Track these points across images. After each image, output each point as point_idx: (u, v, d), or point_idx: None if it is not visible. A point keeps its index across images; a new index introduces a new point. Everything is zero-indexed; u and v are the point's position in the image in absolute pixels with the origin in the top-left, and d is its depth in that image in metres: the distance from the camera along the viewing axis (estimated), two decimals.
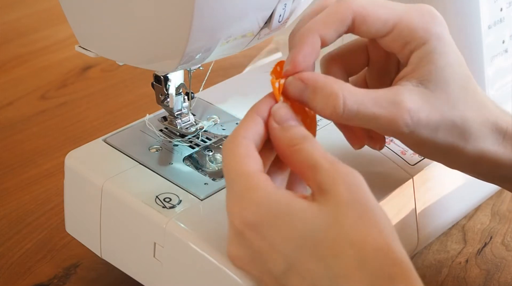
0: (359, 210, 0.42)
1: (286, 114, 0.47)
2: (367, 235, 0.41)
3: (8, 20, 1.05)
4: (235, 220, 0.44)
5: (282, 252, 0.42)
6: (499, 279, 0.62)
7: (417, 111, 0.48)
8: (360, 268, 0.40)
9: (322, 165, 0.44)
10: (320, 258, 0.41)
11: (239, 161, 0.45)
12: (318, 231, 0.42)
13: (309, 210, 0.42)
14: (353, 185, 0.43)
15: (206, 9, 0.46)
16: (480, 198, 0.69)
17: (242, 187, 0.44)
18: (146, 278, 0.56)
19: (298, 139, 0.46)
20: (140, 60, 0.54)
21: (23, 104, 0.86)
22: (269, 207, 0.43)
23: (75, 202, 0.61)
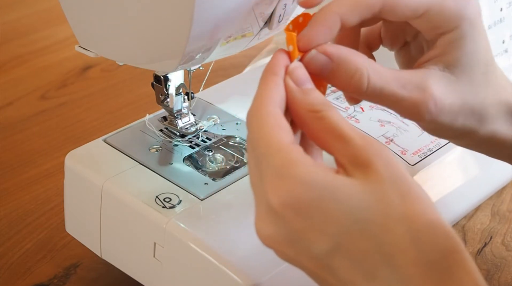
0: (401, 186, 0.40)
1: (304, 74, 0.44)
2: (415, 210, 0.39)
3: (8, 20, 1.05)
4: (273, 199, 0.40)
5: (328, 233, 0.39)
6: (499, 279, 0.62)
7: (442, 99, 0.47)
8: (414, 243, 0.39)
9: (353, 138, 0.41)
10: (370, 236, 0.39)
11: (271, 133, 0.41)
12: (366, 209, 0.39)
13: (354, 188, 0.40)
14: (390, 160, 0.41)
15: (206, 9, 0.46)
16: (480, 198, 0.69)
17: (279, 162, 0.40)
18: (146, 278, 0.56)
19: (321, 105, 0.42)
20: (140, 60, 0.54)
21: (23, 104, 0.86)
22: (312, 186, 0.39)
23: (75, 202, 0.61)
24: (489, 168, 0.68)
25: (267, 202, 0.40)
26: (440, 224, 0.40)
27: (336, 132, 0.41)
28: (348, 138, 0.41)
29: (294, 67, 0.44)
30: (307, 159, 0.40)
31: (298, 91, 0.43)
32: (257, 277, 0.50)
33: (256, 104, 0.43)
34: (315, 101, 0.43)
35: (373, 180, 0.40)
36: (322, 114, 0.42)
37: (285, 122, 0.42)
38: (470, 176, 0.66)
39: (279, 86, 0.43)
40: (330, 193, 0.39)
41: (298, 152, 0.41)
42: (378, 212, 0.39)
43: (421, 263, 0.39)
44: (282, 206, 0.40)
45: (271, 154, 0.40)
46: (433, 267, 0.39)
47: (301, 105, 0.43)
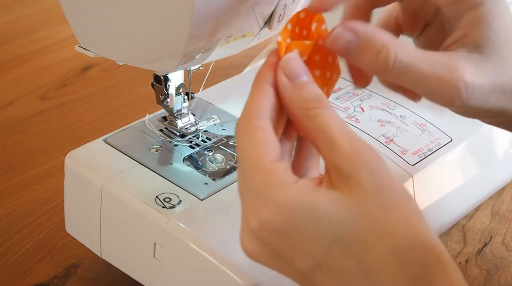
0: (385, 199, 0.39)
1: (298, 67, 0.42)
2: (397, 225, 0.39)
3: (8, 20, 1.05)
4: (252, 221, 0.40)
5: (308, 252, 0.39)
6: (499, 279, 0.62)
7: (472, 81, 0.45)
8: (394, 259, 0.38)
9: (341, 145, 0.40)
10: (351, 254, 0.39)
11: (255, 150, 0.40)
12: (345, 226, 0.39)
13: (334, 204, 0.39)
14: (376, 171, 0.39)
15: (206, 9, 0.46)
16: (480, 198, 0.69)
17: (259, 183, 0.40)
18: (146, 278, 0.56)
19: (314, 102, 0.41)
20: (140, 60, 0.54)
21: (23, 104, 0.86)
22: (291, 208, 0.39)
23: (75, 202, 0.61)
24: (489, 168, 0.68)
25: (248, 222, 0.40)
26: (422, 237, 0.39)
27: (325, 135, 0.40)
28: (335, 145, 0.40)
29: (287, 59, 0.43)
30: (287, 178, 0.40)
31: (289, 86, 0.42)
32: (257, 277, 0.50)
33: (244, 116, 0.42)
34: (308, 97, 0.41)
35: (356, 194, 0.39)
36: (314, 113, 0.41)
37: (272, 136, 0.41)
38: (470, 176, 0.66)
39: (268, 94, 0.42)
40: (307, 214, 0.39)
41: (279, 172, 0.40)
42: (358, 229, 0.39)
43: (401, 279, 0.39)
44: (260, 229, 0.40)
45: (251, 173, 0.40)
46: (414, 281, 0.39)
47: (292, 101, 0.42)
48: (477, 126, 0.66)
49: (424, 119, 0.66)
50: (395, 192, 0.40)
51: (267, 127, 0.41)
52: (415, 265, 0.39)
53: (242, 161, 0.41)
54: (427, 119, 0.66)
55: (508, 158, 0.69)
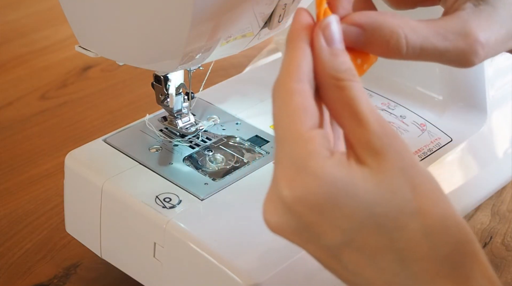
0: (414, 179, 0.39)
1: (338, 32, 0.41)
2: (427, 204, 0.38)
3: (8, 20, 1.05)
4: (286, 191, 0.38)
5: (341, 228, 0.38)
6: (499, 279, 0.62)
7: (487, 39, 0.44)
8: (426, 238, 0.38)
9: (370, 121, 0.39)
10: (384, 232, 0.38)
11: (291, 116, 0.39)
12: (381, 204, 0.38)
13: (368, 181, 0.38)
14: (403, 150, 0.39)
15: (206, 9, 0.46)
16: (480, 198, 0.69)
17: (293, 153, 0.39)
18: (146, 278, 0.56)
19: (345, 74, 0.40)
20: (140, 60, 0.54)
21: (23, 104, 0.86)
22: (326, 182, 0.38)
23: (75, 202, 0.61)
24: (489, 168, 0.68)
25: (279, 192, 0.39)
26: (451, 216, 0.39)
27: (353, 109, 0.39)
28: (364, 120, 0.39)
29: (327, 23, 0.41)
30: (323, 149, 0.39)
31: (326, 51, 0.40)
32: (257, 277, 0.50)
33: (281, 78, 0.40)
34: (341, 67, 0.40)
35: (385, 170, 0.39)
36: (344, 84, 0.40)
37: (311, 102, 0.40)
38: (470, 176, 0.66)
39: (308, 54, 0.40)
40: (344, 189, 0.38)
41: (316, 141, 0.39)
42: (392, 206, 0.38)
43: (432, 257, 0.38)
44: (294, 201, 0.39)
45: (288, 141, 0.39)
46: (445, 260, 0.38)
47: (326, 68, 0.40)
48: (477, 126, 0.66)
49: (424, 119, 0.66)
50: (423, 174, 0.39)
51: (306, 91, 0.40)
52: (446, 243, 0.38)
53: (279, 128, 0.40)
54: (427, 119, 0.66)
55: (508, 158, 0.69)
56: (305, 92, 0.40)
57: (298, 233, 0.40)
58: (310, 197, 0.38)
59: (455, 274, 0.38)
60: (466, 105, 0.68)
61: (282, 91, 0.40)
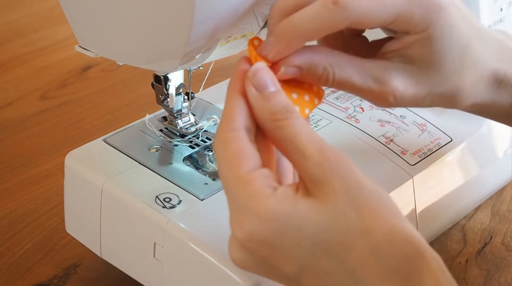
0: (358, 200, 0.41)
1: (266, 77, 0.44)
2: (371, 223, 0.41)
3: (8, 20, 1.05)
4: (238, 232, 0.42)
5: (293, 257, 0.41)
6: (499, 279, 0.62)
7: (402, 92, 0.48)
8: (373, 255, 0.40)
9: (311, 154, 0.41)
10: (332, 255, 0.41)
11: (231, 163, 0.42)
12: (325, 231, 0.41)
13: (312, 211, 0.41)
14: (346, 175, 0.41)
15: (206, 9, 0.46)
16: (480, 198, 0.69)
17: (239, 196, 0.42)
18: (146, 278, 0.56)
19: (281, 113, 0.43)
20: (140, 60, 0.54)
21: (23, 104, 0.86)
22: (273, 219, 0.41)
23: (75, 202, 0.61)
24: (489, 168, 0.68)
25: (233, 233, 0.42)
26: (398, 231, 0.41)
27: (294, 144, 0.42)
28: (305, 153, 0.42)
29: (254, 71, 0.44)
30: (265, 189, 0.41)
31: (258, 98, 0.43)
32: (257, 277, 0.50)
33: (219, 129, 0.43)
34: (276, 108, 0.43)
35: (330, 199, 0.41)
36: (282, 123, 0.43)
37: (247, 146, 0.42)
38: (470, 176, 0.66)
39: (241, 103, 0.44)
40: (288, 223, 0.41)
41: (257, 182, 0.41)
42: (337, 231, 0.41)
43: (381, 273, 0.40)
44: (245, 240, 0.42)
45: (231, 185, 0.42)
46: (394, 274, 0.40)
47: (261, 112, 0.43)
48: (477, 126, 0.66)
49: (424, 119, 0.66)
50: (367, 192, 0.41)
51: (241, 138, 0.43)
52: (394, 258, 0.40)
53: (222, 176, 0.43)
54: (427, 119, 0.66)
55: (508, 158, 0.69)
56: (240, 139, 0.43)
57: (260, 267, 0.43)
58: (257, 234, 0.41)
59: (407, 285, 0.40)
60: None
61: (219, 142, 0.43)
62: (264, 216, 0.41)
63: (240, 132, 0.43)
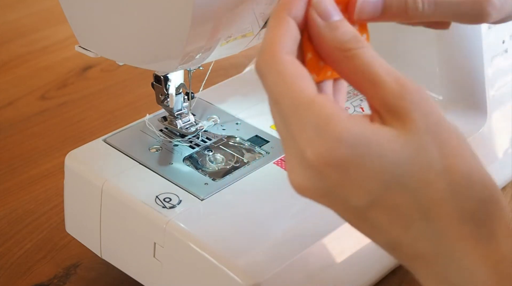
0: (440, 137, 0.39)
1: (331, 5, 0.41)
2: (453, 162, 0.39)
3: (8, 20, 1.05)
4: (310, 155, 0.38)
5: (366, 188, 0.39)
6: None
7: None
8: (451, 196, 0.38)
9: (387, 83, 0.39)
10: (409, 191, 0.38)
11: (295, 85, 0.39)
12: (405, 164, 0.38)
13: (392, 141, 0.38)
14: (428, 108, 0.39)
15: (206, 9, 0.46)
16: None
17: (312, 118, 0.38)
18: (146, 278, 0.56)
19: (351, 43, 0.40)
20: (140, 60, 0.54)
21: (23, 104, 0.86)
22: (350, 143, 0.38)
23: (75, 202, 0.61)
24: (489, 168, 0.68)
25: (303, 157, 0.39)
26: (477, 173, 0.39)
27: (368, 74, 0.39)
28: (381, 82, 0.39)
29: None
30: (340, 111, 0.38)
31: (324, 27, 0.41)
32: (257, 277, 0.50)
33: (268, 50, 0.40)
34: (345, 37, 0.40)
35: (411, 131, 0.38)
36: (353, 53, 0.40)
37: (305, 70, 0.40)
38: None
39: (292, 29, 0.41)
40: (368, 149, 0.38)
41: (330, 104, 0.39)
42: (417, 166, 0.38)
43: (457, 215, 0.38)
44: (320, 163, 0.38)
45: (302, 109, 0.39)
46: (469, 219, 0.38)
47: (329, 42, 0.40)
48: (477, 126, 0.66)
49: None
50: (448, 130, 0.39)
51: (297, 62, 0.40)
52: (471, 201, 0.38)
53: (283, 99, 0.39)
54: None
55: (508, 158, 0.69)
56: (296, 62, 0.40)
57: (324, 194, 0.40)
58: (335, 158, 0.38)
59: (479, 232, 0.38)
60: (466, 105, 0.68)
61: (273, 64, 0.39)
62: (345, 138, 0.38)
63: (294, 57, 0.40)
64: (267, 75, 0.40)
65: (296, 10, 0.41)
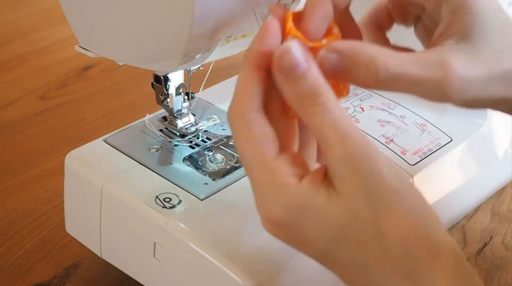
0: (377, 201, 0.40)
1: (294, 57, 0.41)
2: (387, 227, 0.40)
3: (8, 20, 1.05)
4: (263, 213, 0.43)
5: (311, 246, 0.42)
6: (499, 279, 0.62)
7: (465, 73, 0.43)
8: (386, 257, 0.41)
9: (333, 147, 0.40)
10: (348, 249, 0.41)
11: (256, 147, 0.41)
12: (342, 227, 0.41)
13: (331, 206, 0.41)
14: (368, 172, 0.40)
15: (206, 9, 0.46)
16: (480, 198, 0.69)
17: (265, 182, 0.42)
18: (146, 278, 0.56)
19: (308, 99, 0.41)
20: (140, 60, 0.54)
21: (23, 104, 0.86)
22: (294, 211, 0.41)
23: (75, 202, 0.61)
24: (489, 168, 0.68)
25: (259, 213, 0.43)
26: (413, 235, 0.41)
27: (320, 133, 0.41)
28: (329, 145, 0.41)
29: (282, 52, 0.41)
30: (289, 180, 0.41)
31: (284, 83, 0.41)
32: (257, 277, 0.50)
33: (237, 107, 0.42)
34: (303, 92, 0.41)
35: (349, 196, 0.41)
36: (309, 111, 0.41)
37: (269, 129, 0.42)
38: (470, 176, 0.66)
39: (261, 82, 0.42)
40: (305, 214, 0.41)
41: (282, 172, 0.41)
42: (353, 230, 0.41)
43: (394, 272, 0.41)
44: (269, 222, 0.43)
45: (257, 171, 0.42)
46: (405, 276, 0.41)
47: (289, 97, 0.41)
48: (477, 126, 0.66)
49: (424, 119, 0.66)
50: (388, 193, 0.41)
51: (262, 120, 0.42)
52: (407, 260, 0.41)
53: (245, 158, 0.42)
54: (427, 119, 0.66)
55: (508, 158, 0.69)
56: (261, 121, 0.42)
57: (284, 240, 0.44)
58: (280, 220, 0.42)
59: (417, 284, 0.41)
60: None
61: (240, 122, 0.42)
62: (287, 206, 0.41)
63: (261, 114, 0.42)
64: (236, 129, 0.42)
65: (265, 61, 0.42)
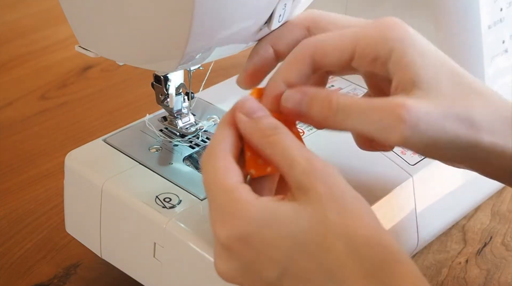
0: (340, 204, 0.43)
1: (253, 104, 0.47)
2: (351, 226, 0.42)
3: (8, 20, 1.05)
4: (221, 235, 0.44)
5: (274, 258, 0.43)
6: (499, 279, 0.62)
7: (415, 107, 0.44)
8: (351, 258, 0.42)
9: (298, 162, 0.44)
10: (312, 257, 0.42)
11: (218, 174, 0.45)
12: (305, 232, 0.42)
13: (293, 212, 0.43)
14: (330, 182, 0.43)
15: (206, 9, 0.46)
16: (480, 198, 0.69)
17: (223, 201, 0.44)
18: (146, 278, 0.56)
19: (271, 130, 0.46)
20: (140, 60, 0.54)
21: (23, 104, 0.86)
22: (253, 217, 0.43)
23: (75, 202, 0.61)
24: None
25: (218, 238, 0.44)
26: (376, 236, 0.42)
27: (284, 157, 0.44)
28: (293, 163, 0.44)
29: (243, 101, 0.47)
30: (249, 195, 0.44)
31: (248, 122, 0.46)
32: None
33: (208, 149, 0.46)
34: (266, 126, 0.46)
35: (312, 202, 0.43)
36: (273, 139, 0.45)
37: (233, 163, 0.45)
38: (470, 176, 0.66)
39: (231, 134, 0.47)
40: (270, 222, 0.43)
41: (242, 190, 0.44)
42: (316, 233, 0.42)
43: (359, 275, 0.41)
44: (229, 240, 0.44)
45: (219, 194, 0.44)
46: (372, 276, 0.41)
47: (253, 133, 0.46)
48: None
49: None
50: (348, 198, 0.43)
51: (227, 156, 0.46)
52: (371, 261, 0.41)
53: (208, 188, 0.45)
54: None
55: None
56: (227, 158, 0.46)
57: (242, 273, 0.44)
58: (240, 233, 0.43)
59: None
60: None
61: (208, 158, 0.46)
62: (245, 214, 0.43)
63: (228, 153, 0.46)
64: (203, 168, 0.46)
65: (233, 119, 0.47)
